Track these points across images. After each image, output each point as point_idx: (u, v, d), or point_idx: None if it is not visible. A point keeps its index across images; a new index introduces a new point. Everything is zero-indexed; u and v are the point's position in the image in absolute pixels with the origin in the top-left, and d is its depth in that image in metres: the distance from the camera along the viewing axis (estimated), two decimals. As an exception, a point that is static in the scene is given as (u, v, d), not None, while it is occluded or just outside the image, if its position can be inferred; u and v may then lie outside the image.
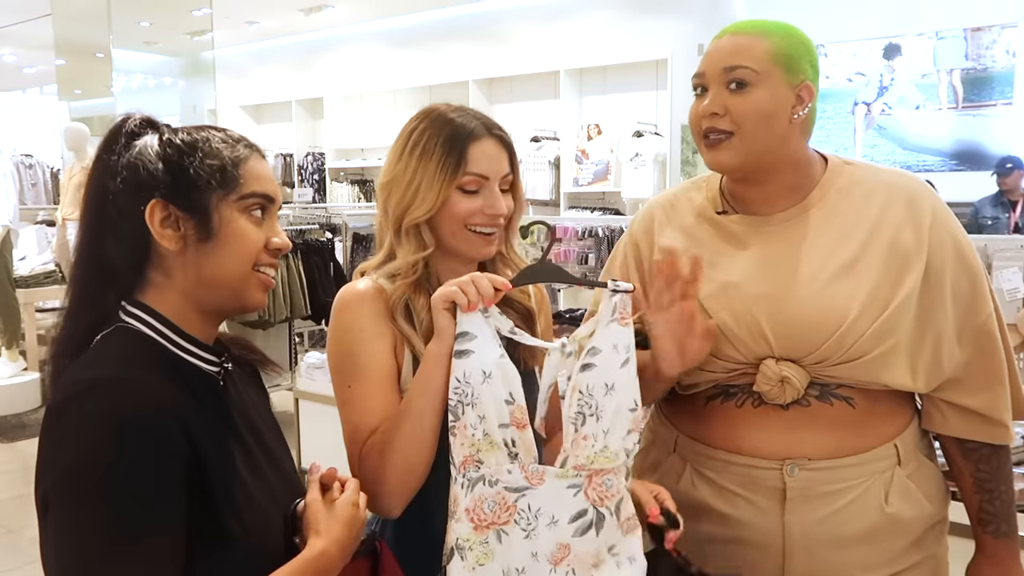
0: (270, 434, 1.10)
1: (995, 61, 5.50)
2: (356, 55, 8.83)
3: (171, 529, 0.88)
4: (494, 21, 7.75)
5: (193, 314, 1.01)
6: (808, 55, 1.26)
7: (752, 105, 1.22)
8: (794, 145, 1.27)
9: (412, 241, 1.26)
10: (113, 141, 1.01)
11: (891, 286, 1.23)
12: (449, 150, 1.24)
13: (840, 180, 1.30)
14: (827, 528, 1.25)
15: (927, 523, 1.31)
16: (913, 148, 5.85)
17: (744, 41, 1.24)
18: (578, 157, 7.04)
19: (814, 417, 1.26)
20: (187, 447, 0.91)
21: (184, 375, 0.98)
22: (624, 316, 1.15)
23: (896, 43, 5.82)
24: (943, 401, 1.30)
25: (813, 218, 1.28)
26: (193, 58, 8.23)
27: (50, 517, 0.88)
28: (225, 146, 1.02)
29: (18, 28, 8.25)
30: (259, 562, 0.94)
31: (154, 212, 0.97)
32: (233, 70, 9.70)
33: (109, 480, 0.85)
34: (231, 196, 1.00)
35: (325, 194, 8.90)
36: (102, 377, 0.91)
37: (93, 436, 0.86)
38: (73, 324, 1.01)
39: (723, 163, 1.27)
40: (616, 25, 6.99)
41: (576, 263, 4.84)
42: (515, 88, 7.75)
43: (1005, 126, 5.52)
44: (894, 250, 1.24)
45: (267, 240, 1.03)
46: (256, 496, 0.99)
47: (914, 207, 1.27)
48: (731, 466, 1.29)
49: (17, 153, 8.30)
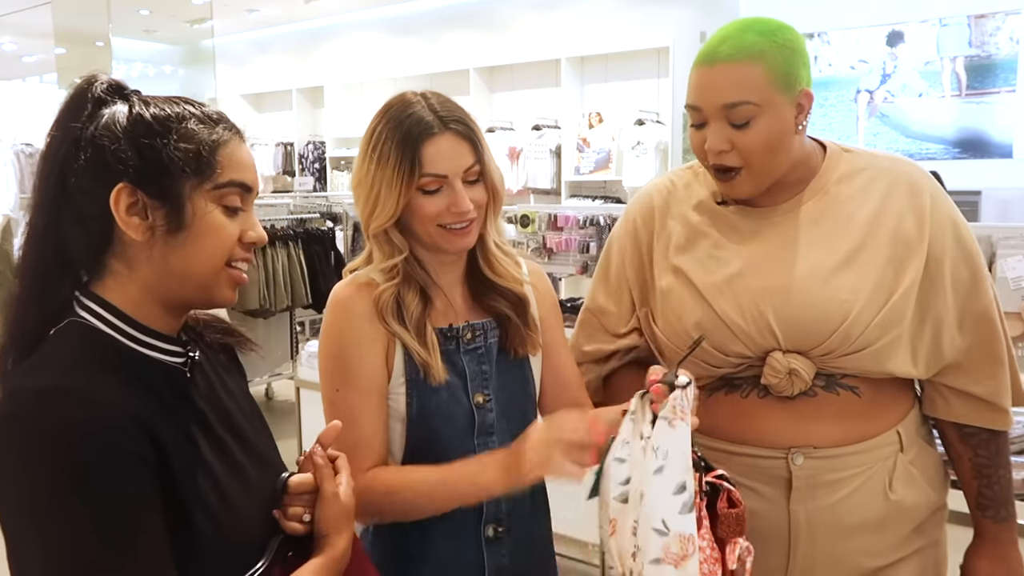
0: (248, 422, 1.03)
1: (999, 48, 5.47)
2: (356, 43, 8.79)
3: (156, 548, 0.82)
4: (495, 9, 7.71)
5: (155, 307, 0.92)
6: (802, 58, 1.22)
7: (759, 139, 1.19)
8: (796, 148, 1.26)
9: (384, 246, 1.25)
10: (77, 107, 0.90)
11: (894, 275, 1.22)
12: (402, 153, 1.19)
13: (840, 168, 1.29)
14: (833, 516, 1.25)
15: (929, 509, 1.31)
16: (916, 136, 5.83)
17: (738, 73, 1.17)
18: (579, 145, 7.03)
19: (820, 407, 1.26)
20: (151, 451, 0.83)
21: (141, 372, 0.89)
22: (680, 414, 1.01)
23: (899, 30, 5.78)
24: (945, 387, 1.30)
25: (814, 208, 1.27)
26: (193, 46, 8.21)
27: (17, 549, 0.81)
28: (203, 127, 0.91)
29: (18, 16, 8.22)
30: (235, 559, 0.90)
31: (120, 197, 0.87)
32: (233, 58, 9.66)
33: (76, 506, 0.78)
34: (206, 184, 0.90)
35: (326, 183, 8.88)
36: (45, 387, 0.82)
37: (37, 455, 0.78)
38: (24, 316, 0.91)
39: (738, 194, 1.27)
40: (617, 13, 6.96)
41: (578, 251, 4.84)
42: (516, 76, 7.72)
43: (1009, 113, 5.49)
44: (896, 239, 1.23)
45: (242, 233, 0.94)
46: (229, 492, 0.92)
47: (915, 195, 1.26)
48: (736, 456, 1.29)
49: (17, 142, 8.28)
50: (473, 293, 1.32)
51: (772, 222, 1.28)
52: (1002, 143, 5.51)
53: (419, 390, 1.22)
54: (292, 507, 0.98)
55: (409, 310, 1.22)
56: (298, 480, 0.99)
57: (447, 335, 1.26)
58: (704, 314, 1.26)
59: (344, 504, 0.98)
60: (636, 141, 6.58)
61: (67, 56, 7.49)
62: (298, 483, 0.99)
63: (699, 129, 1.24)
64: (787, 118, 1.20)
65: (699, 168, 1.37)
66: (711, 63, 1.20)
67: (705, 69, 1.21)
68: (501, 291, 1.31)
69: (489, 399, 1.27)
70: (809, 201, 1.28)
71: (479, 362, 1.28)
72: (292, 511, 0.97)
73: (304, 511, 0.97)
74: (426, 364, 1.21)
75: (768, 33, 1.19)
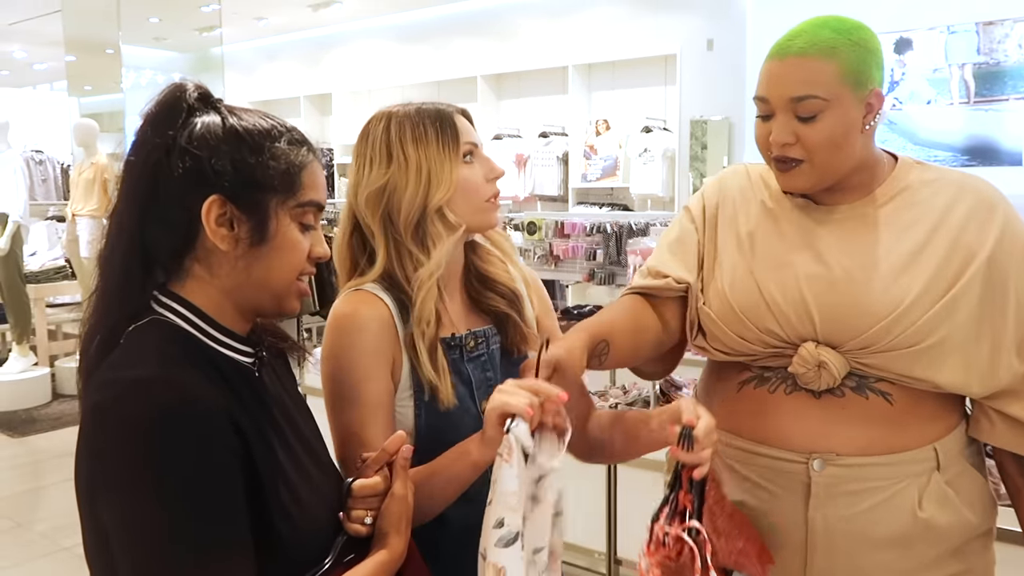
0: (304, 422, 1.07)
1: (1007, 55, 5.45)
2: (364, 51, 8.83)
3: (243, 538, 0.85)
4: (502, 16, 7.73)
5: (231, 310, 0.97)
6: (875, 58, 1.22)
7: (824, 135, 1.19)
8: (864, 150, 1.25)
9: (440, 227, 1.23)
10: (171, 113, 0.93)
11: (950, 278, 1.21)
12: (442, 126, 1.24)
13: (909, 177, 1.29)
14: (853, 527, 1.23)
15: (968, 533, 1.26)
16: (924, 143, 5.81)
17: (811, 67, 1.18)
18: (586, 153, 7.03)
19: (847, 409, 1.24)
20: (239, 444, 0.87)
21: (222, 370, 0.93)
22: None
23: (907, 37, 5.77)
24: (993, 409, 1.26)
25: (879, 213, 1.27)
26: (202, 54, 8.26)
27: (110, 532, 0.84)
28: (291, 148, 0.96)
29: (28, 24, 8.29)
30: (305, 559, 0.93)
31: (212, 208, 0.91)
32: (242, 66, 9.71)
33: (170, 489, 0.81)
34: (290, 202, 0.95)
35: (333, 190, 8.90)
36: (142, 377, 0.85)
37: (139, 442, 0.81)
38: (107, 313, 0.94)
39: (797, 187, 1.27)
40: (625, 20, 6.96)
41: (584, 259, 4.83)
42: (523, 84, 7.73)
43: (1018, 121, 5.46)
44: (957, 245, 1.22)
45: (311, 249, 0.99)
46: (301, 493, 0.96)
47: (984, 208, 1.24)
48: (756, 457, 1.28)
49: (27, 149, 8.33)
50: (471, 297, 1.32)
51: (834, 219, 1.28)
52: (1011, 151, 5.49)
53: (427, 401, 1.22)
54: (355, 510, 1.01)
55: (429, 327, 1.21)
56: (362, 484, 1.02)
57: (451, 344, 1.26)
58: (748, 291, 1.27)
59: (409, 505, 1.02)
60: (643, 148, 6.58)
61: (77, 64, 7.54)
62: (361, 487, 1.02)
63: (765, 121, 1.25)
64: (854, 116, 1.21)
65: (761, 168, 1.39)
66: (783, 56, 1.21)
67: (776, 62, 1.22)
68: (496, 288, 1.32)
69: None
70: (873, 205, 1.28)
71: (483, 369, 1.28)
72: (355, 514, 1.01)
73: (367, 514, 1.01)
74: (435, 388, 1.21)
75: (844, 31, 1.20)
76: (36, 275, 5.87)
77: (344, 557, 0.97)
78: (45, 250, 6.39)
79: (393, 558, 0.98)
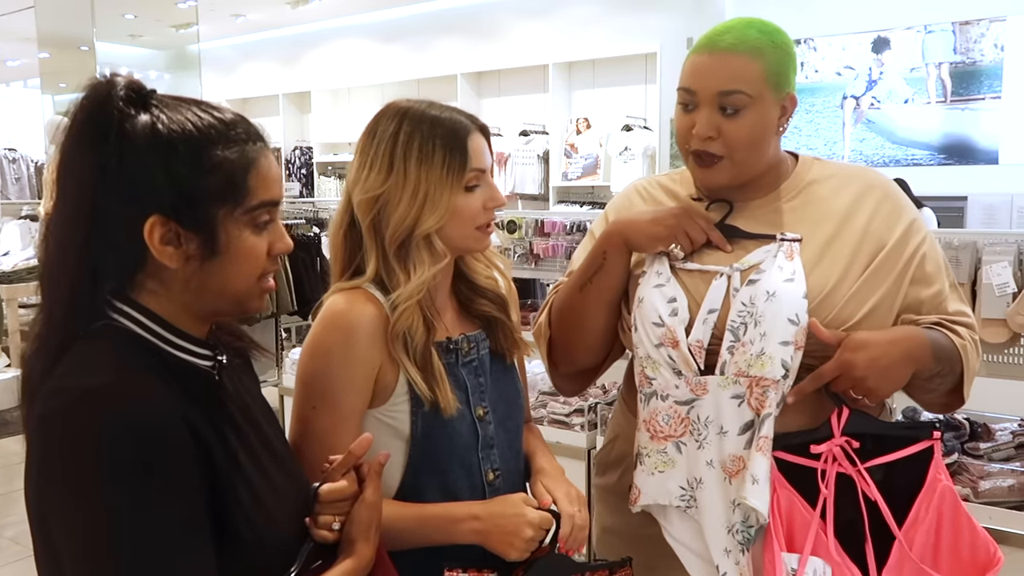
0: (268, 425, 1.04)
1: (983, 55, 5.50)
2: (343, 49, 8.76)
3: (201, 549, 0.83)
4: (482, 14, 7.70)
5: (187, 315, 0.94)
6: (792, 63, 1.29)
7: (746, 131, 1.25)
8: (774, 149, 1.32)
9: (422, 253, 1.19)
10: (100, 129, 0.87)
11: (864, 262, 1.27)
12: (451, 150, 1.18)
13: (811, 173, 1.36)
14: None
15: None
16: (902, 142, 5.86)
17: (738, 64, 1.23)
18: (567, 151, 7.02)
19: None
20: (197, 451, 0.85)
21: (179, 375, 0.90)
22: (791, 254, 1.24)
23: (885, 36, 5.81)
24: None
25: (786, 207, 1.33)
26: (179, 51, 8.16)
27: (59, 548, 0.81)
28: (232, 150, 0.90)
29: (0, 21, 8.16)
30: (270, 565, 0.91)
31: (154, 229, 0.87)
32: (219, 64, 9.61)
33: (121, 501, 0.79)
34: (237, 211, 0.90)
35: (313, 188, 8.84)
36: (92, 386, 0.82)
37: (88, 454, 0.79)
38: (53, 322, 0.91)
39: (715, 183, 1.31)
40: (605, 19, 6.96)
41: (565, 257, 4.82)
42: (504, 82, 7.71)
43: (993, 120, 5.53)
44: (866, 235, 1.29)
45: (270, 245, 0.95)
46: (264, 497, 0.93)
47: (887, 201, 1.32)
48: None
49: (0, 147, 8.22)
50: (461, 302, 1.31)
51: (748, 216, 1.32)
52: (987, 149, 5.55)
53: (424, 408, 1.19)
54: (323, 515, 0.99)
55: (414, 340, 1.18)
56: (330, 488, 1.00)
57: (447, 348, 1.23)
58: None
59: (379, 512, 1.00)
60: (624, 147, 6.58)
61: (51, 60, 7.43)
62: (329, 491, 1.00)
63: (687, 112, 1.28)
64: (772, 116, 1.27)
65: (676, 175, 1.44)
66: (711, 51, 1.26)
67: (705, 56, 1.26)
68: (484, 292, 1.30)
69: (487, 411, 1.26)
70: (780, 200, 1.33)
71: (476, 374, 1.26)
72: (323, 519, 0.99)
73: (334, 519, 0.99)
74: (434, 398, 1.18)
75: (768, 33, 1.27)
76: (8, 275, 5.76)
77: (311, 564, 0.95)
78: (18, 250, 6.29)
79: (360, 565, 0.96)
